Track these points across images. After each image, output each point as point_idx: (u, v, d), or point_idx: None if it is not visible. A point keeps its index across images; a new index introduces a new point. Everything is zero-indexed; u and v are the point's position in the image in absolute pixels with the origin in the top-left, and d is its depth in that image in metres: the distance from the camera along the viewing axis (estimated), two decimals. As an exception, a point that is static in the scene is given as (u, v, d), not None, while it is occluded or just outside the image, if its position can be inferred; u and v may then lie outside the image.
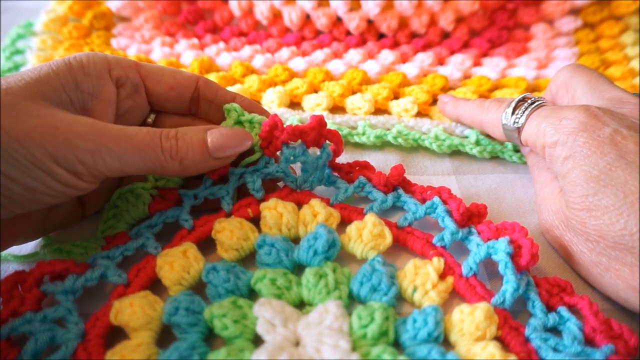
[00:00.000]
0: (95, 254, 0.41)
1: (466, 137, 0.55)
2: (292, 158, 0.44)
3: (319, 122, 0.44)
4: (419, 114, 0.59)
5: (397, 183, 0.46)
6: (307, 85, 0.60)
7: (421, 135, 0.54)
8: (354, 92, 0.61)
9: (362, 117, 0.58)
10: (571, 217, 0.40)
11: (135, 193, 0.44)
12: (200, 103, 0.47)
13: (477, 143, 0.53)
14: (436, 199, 0.44)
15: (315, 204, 0.44)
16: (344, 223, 0.44)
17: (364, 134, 0.55)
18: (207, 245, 0.42)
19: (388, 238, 0.41)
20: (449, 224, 0.42)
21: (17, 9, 0.76)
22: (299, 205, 0.45)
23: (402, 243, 0.43)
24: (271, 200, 0.44)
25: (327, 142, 0.46)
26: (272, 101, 0.59)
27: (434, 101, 0.60)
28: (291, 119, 0.57)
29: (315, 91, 0.61)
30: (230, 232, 0.41)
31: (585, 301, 0.38)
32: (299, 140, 0.44)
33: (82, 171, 0.36)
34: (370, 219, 0.42)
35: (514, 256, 0.39)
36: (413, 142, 0.54)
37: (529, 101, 0.45)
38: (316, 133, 0.44)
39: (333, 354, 0.33)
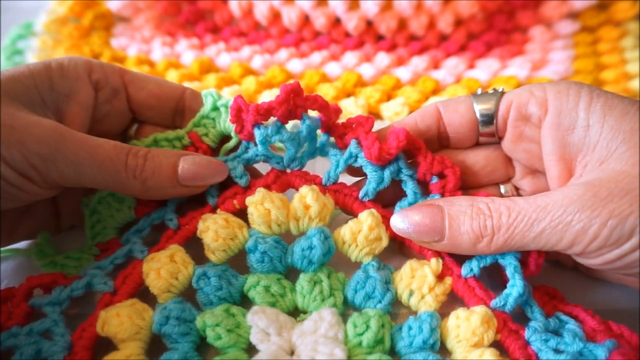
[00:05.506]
0: (88, 266, 0.40)
1: None
2: (268, 139, 0.40)
3: (289, 93, 0.39)
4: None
5: (393, 156, 0.40)
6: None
7: None
8: (348, 95, 0.61)
9: None
10: None
11: (117, 197, 0.42)
12: (185, 115, 0.45)
13: None
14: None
15: (307, 194, 0.39)
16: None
17: None
18: (195, 241, 0.40)
19: (385, 241, 0.39)
20: None
21: (17, 9, 0.76)
22: (289, 187, 0.42)
23: (400, 238, 0.40)
24: (257, 194, 0.40)
25: (309, 112, 0.40)
26: (269, 103, 0.59)
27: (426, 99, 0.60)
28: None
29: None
30: (215, 233, 0.39)
31: (579, 308, 0.37)
32: (272, 118, 0.40)
33: (33, 176, 0.34)
34: (367, 221, 0.39)
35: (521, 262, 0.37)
36: None
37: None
38: (287, 106, 0.39)
39: (328, 362, 0.33)
